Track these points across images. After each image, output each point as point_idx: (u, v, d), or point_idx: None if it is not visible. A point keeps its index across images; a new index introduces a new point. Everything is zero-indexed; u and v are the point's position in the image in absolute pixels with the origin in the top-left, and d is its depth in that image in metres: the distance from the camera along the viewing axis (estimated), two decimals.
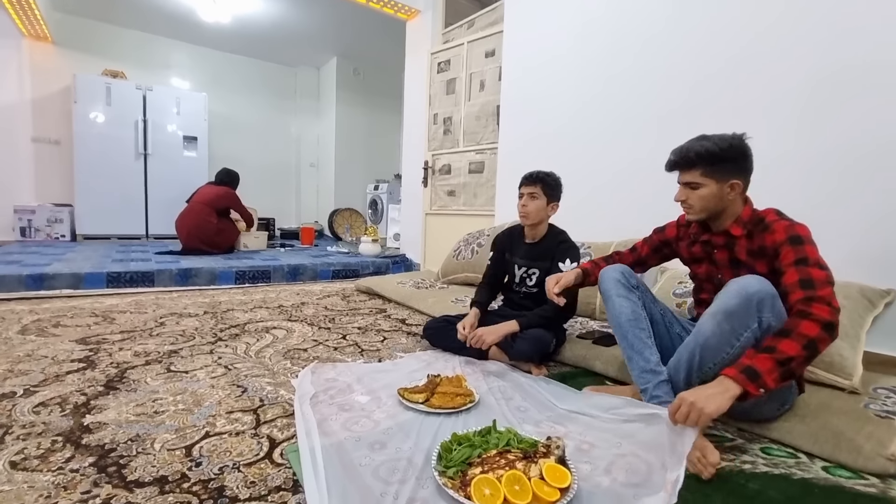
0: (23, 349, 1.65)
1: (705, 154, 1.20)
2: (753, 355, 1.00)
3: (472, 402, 1.30)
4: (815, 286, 1.05)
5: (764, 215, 1.22)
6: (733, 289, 1.09)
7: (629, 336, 1.30)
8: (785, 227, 1.15)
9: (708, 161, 1.20)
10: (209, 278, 3.09)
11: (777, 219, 1.20)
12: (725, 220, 1.26)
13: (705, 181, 1.21)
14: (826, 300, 1.02)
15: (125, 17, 5.14)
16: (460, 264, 3.05)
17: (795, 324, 1.00)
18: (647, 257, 1.51)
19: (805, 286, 1.05)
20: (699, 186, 1.22)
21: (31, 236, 4.61)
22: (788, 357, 0.97)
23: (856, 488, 0.98)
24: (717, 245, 1.29)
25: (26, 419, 1.13)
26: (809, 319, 0.99)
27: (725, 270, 1.28)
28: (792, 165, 1.83)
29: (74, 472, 0.92)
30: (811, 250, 1.11)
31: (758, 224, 1.22)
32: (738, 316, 1.07)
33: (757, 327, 1.06)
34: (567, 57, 2.77)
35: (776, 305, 1.06)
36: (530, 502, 0.85)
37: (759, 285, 1.06)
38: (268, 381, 1.44)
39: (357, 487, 0.90)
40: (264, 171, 6.55)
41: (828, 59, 1.75)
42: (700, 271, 1.37)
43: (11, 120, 4.76)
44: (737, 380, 0.97)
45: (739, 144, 1.20)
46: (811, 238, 1.14)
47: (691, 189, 1.24)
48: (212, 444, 1.05)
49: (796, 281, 1.07)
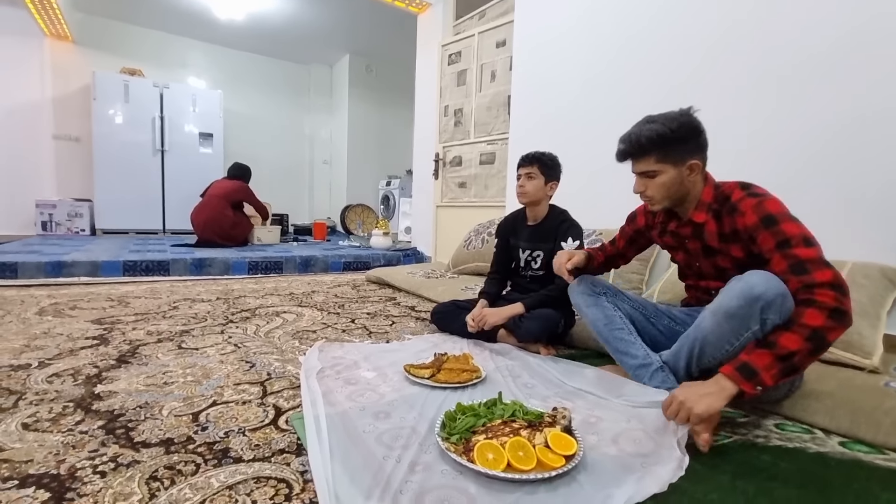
0: (39, 328, 1.69)
1: (656, 138, 1.10)
2: (752, 350, 0.94)
3: (478, 378, 1.29)
4: (809, 269, 0.95)
5: (729, 192, 1.12)
6: (737, 289, 1.00)
7: (611, 340, 1.31)
8: (753, 207, 1.05)
9: (660, 145, 1.10)
10: (223, 268, 3.13)
11: (743, 196, 1.08)
12: (689, 206, 1.18)
13: (662, 167, 1.12)
14: (828, 283, 0.92)
15: (143, 17, 5.25)
16: (471, 254, 3.04)
17: (798, 313, 0.93)
18: (625, 250, 1.45)
19: (798, 271, 0.96)
20: (656, 174, 1.13)
21: (52, 230, 4.73)
22: (790, 352, 0.90)
23: (875, 462, 0.94)
24: (686, 235, 1.22)
25: (39, 387, 1.16)
26: (813, 307, 0.91)
27: (701, 259, 1.22)
28: (810, 140, 1.78)
29: (83, 433, 0.94)
30: (789, 227, 1.01)
31: (724, 203, 1.12)
32: (739, 318, 1.00)
33: (759, 329, 0.98)
34: (577, 42, 2.74)
35: (786, 305, 0.96)
36: (534, 468, 0.83)
37: (766, 286, 0.96)
38: (276, 357, 1.45)
39: (360, 451, 0.90)
40: (278, 167, 6.62)
41: None
42: (678, 259, 1.32)
43: (33, 117, 4.90)
44: (732, 378, 0.92)
45: (689, 121, 1.11)
46: (785, 211, 1.04)
47: (648, 178, 1.15)
48: (218, 412, 1.06)
49: (786, 268, 0.97)
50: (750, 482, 0.85)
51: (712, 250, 1.17)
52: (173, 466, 0.83)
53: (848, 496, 0.82)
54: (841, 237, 1.67)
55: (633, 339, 1.27)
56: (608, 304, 1.33)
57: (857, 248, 1.60)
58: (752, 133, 1.92)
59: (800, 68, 1.80)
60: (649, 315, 1.36)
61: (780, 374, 0.92)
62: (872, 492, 0.84)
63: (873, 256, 1.56)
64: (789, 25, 1.83)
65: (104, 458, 0.85)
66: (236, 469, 0.83)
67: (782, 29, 1.85)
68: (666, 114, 1.13)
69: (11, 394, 1.11)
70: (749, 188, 1.10)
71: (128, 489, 0.76)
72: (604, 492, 0.79)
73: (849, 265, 1.53)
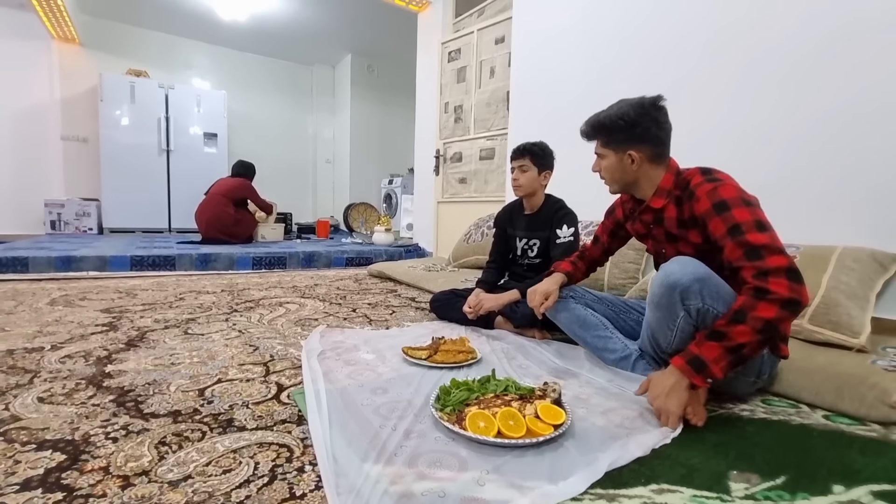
0: (51, 316, 1.75)
1: (598, 125, 1.17)
2: (702, 341, 0.93)
3: (474, 359, 1.33)
4: (763, 255, 0.92)
5: (689, 178, 1.11)
6: (658, 277, 1.04)
7: (588, 339, 1.35)
8: (707, 193, 1.03)
9: (602, 132, 1.17)
10: (227, 263, 3.19)
11: (701, 181, 1.07)
12: (647, 192, 1.19)
13: (605, 152, 1.18)
14: (782, 270, 0.90)
15: (148, 19, 5.33)
16: (470, 247, 3.08)
17: (751, 304, 0.90)
18: (609, 244, 1.46)
19: (752, 257, 0.93)
20: (603, 158, 1.19)
21: (60, 229, 4.81)
22: (739, 344, 0.90)
23: (856, 432, 0.97)
24: (648, 221, 1.23)
25: (53, 367, 1.21)
26: (766, 300, 0.89)
27: (666, 245, 1.22)
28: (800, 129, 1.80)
29: (95, 406, 0.98)
30: (741, 213, 0.98)
31: (685, 189, 1.11)
32: (664, 307, 1.03)
33: (686, 314, 1.00)
34: (575, 38, 2.77)
35: (707, 289, 0.97)
36: (524, 435, 0.87)
37: (681, 272, 0.98)
38: (278, 342, 1.50)
39: (357, 421, 0.94)
40: (282, 167, 6.69)
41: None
42: (648, 247, 1.33)
43: (42, 119, 4.99)
44: (684, 371, 0.93)
45: (633, 115, 1.11)
46: (739, 196, 1.01)
47: (600, 159, 1.21)
48: (223, 388, 1.10)
49: (741, 255, 0.95)
50: (732, 448, 0.88)
51: (674, 236, 1.17)
52: (181, 434, 0.87)
53: (827, 460, 0.85)
54: (832, 222, 1.70)
55: (609, 333, 1.31)
56: (577, 306, 1.37)
57: (848, 232, 1.63)
58: (749, 122, 1.95)
59: (796, 66, 1.82)
60: (619, 311, 1.39)
61: (729, 365, 0.92)
62: (850, 457, 0.87)
63: (863, 241, 1.58)
64: (785, 22, 1.85)
65: (115, 427, 0.89)
66: (240, 436, 0.87)
67: (780, 25, 1.88)
68: (629, 100, 1.15)
69: (27, 372, 1.16)
70: (709, 173, 1.09)
71: (138, 452, 0.80)
72: (589, 455, 0.83)
73: (839, 249, 1.56)
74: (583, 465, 0.79)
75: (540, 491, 0.72)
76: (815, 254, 1.57)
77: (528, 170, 1.74)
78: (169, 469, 0.75)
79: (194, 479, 0.73)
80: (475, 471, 0.77)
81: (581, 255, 1.49)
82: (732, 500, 0.72)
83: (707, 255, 1.07)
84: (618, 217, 1.41)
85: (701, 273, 0.98)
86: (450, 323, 1.83)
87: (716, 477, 0.78)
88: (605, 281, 2.19)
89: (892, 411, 1.01)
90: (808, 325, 1.41)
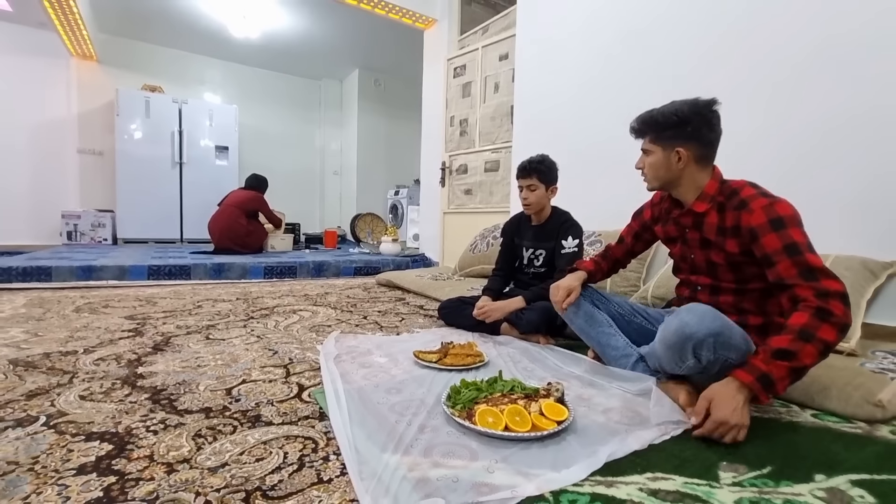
0: (79, 322, 1.84)
1: (650, 121, 1.20)
2: (770, 360, 0.93)
3: (481, 362, 1.41)
4: (819, 277, 0.97)
5: (738, 188, 1.14)
6: (674, 325, 1.04)
7: (593, 335, 1.39)
8: (764, 207, 1.06)
9: (653, 128, 1.20)
10: (240, 272, 3.29)
11: (755, 194, 1.09)
12: (688, 195, 1.21)
13: (653, 148, 1.21)
14: (840, 294, 0.94)
15: (163, 37, 5.51)
16: (476, 257, 3.16)
17: (816, 325, 0.93)
18: (633, 245, 1.49)
19: (808, 277, 0.98)
20: (649, 153, 1.22)
21: (76, 240, 4.94)
22: (805, 366, 0.93)
23: (842, 429, 1.03)
24: (686, 224, 1.25)
25: (88, 369, 1.29)
26: (829, 322, 0.93)
27: (696, 251, 1.25)
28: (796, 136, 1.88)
29: (133, 403, 1.07)
30: (797, 233, 1.02)
31: (731, 197, 1.14)
32: (675, 350, 1.05)
33: (696, 362, 1.03)
34: (575, 55, 2.88)
35: (720, 342, 0.99)
36: (529, 430, 0.94)
37: (697, 326, 0.99)
38: (296, 346, 1.58)
39: (375, 417, 1.02)
40: (290, 178, 6.83)
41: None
42: (675, 251, 1.35)
43: (60, 133, 5.16)
44: (753, 388, 0.93)
45: (686, 111, 1.15)
46: (796, 217, 1.04)
47: (645, 156, 1.24)
48: (248, 388, 1.18)
49: (796, 273, 0.99)
50: (722, 443, 0.95)
51: (709, 242, 1.20)
52: (214, 427, 0.95)
53: (811, 453, 0.92)
54: (825, 231, 1.76)
55: (613, 331, 1.37)
56: (585, 302, 1.42)
57: (840, 241, 1.70)
58: (744, 136, 2.03)
59: (789, 77, 1.91)
60: (625, 314, 1.44)
61: (790, 383, 0.95)
62: (834, 450, 0.93)
63: (854, 250, 1.65)
64: (773, 35, 1.95)
65: (154, 421, 0.97)
66: (268, 430, 0.95)
67: (768, 38, 1.97)
68: (684, 100, 1.18)
69: (65, 373, 1.25)
70: (759, 188, 1.12)
71: (178, 443, 0.88)
72: (589, 448, 0.90)
73: (832, 257, 1.62)
74: (584, 457, 0.86)
75: (544, 478, 0.79)
76: None
77: (536, 188, 1.83)
78: (207, 457, 0.83)
79: (231, 466, 0.81)
80: (485, 460, 0.84)
81: (605, 255, 1.53)
82: (721, 486, 0.79)
83: (738, 266, 1.14)
84: (645, 219, 1.43)
85: (716, 327, 0.99)
86: (458, 329, 1.90)
87: (706, 467, 0.85)
88: (608, 288, 2.26)
89: (877, 409, 1.07)
90: None
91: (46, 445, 0.86)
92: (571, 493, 0.76)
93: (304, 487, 0.75)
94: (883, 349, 1.42)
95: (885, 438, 0.99)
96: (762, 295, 1.16)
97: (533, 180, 1.83)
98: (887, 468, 0.86)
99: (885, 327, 1.63)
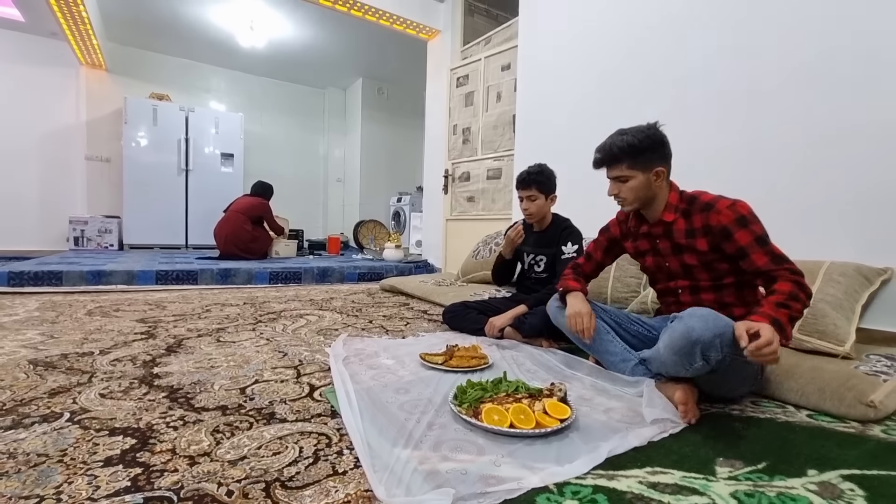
0: (92, 325, 1.88)
1: (627, 148, 1.28)
2: (775, 309, 1.06)
3: (486, 364, 1.45)
4: (786, 261, 1.17)
5: (696, 195, 1.30)
6: (679, 330, 1.08)
7: (592, 343, 1.42)
8: (729, 207, 1.22)
9: (631, 154, 1.28)
10: (246, 278, 3.33)
11: (715, 197, 1.26)
12: (658, 209, 1.33)
13: (632, 173, 1.29)
14: (801, 273, 1.15)
15: (171, 46, 5.61)
16: (479, 263, 3.20)
17: (797, 291, 1.10)
18: (603, 260, 1.57)
19: (779, 262, 1.17)
20: (628, 179, 1.30)
21: (83, 245, 5.00)
22: (796, 316, 1.09)
23: (836, 429, 1.07)
24: (657, 235, 1.36)
25: (106, 369, 1.34)
26: (805, 292, 1.12)
27: (670, 258, 1.35)
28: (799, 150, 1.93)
29: (151, 401, 1.11)
30: (759, 227, 1.20)
31: (692, 203, 1.29)
32: (683, 353, 1.08)
33: (704, 363, 1.06)
34: (575, 66, 2.94)
35: (724, 341, 1.02)
36: (533, 427, 0.98)
37: (703, 329, 1.03)
38: (304, 349, 1.62)
39: (385, 414, 1.06)
40: (294, 185, 6.89)
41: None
42: (648, 263, 1.43)
43: (68, 140, 5.24)
44: (775, 328, 1.00)
45: (655, 133, 1.28)
46: (754, 214, 1.22)
47: (621, 182, 1.31)
48: (261, 387, 1.22)
49: (769, 261, 1.17)
50: (720, 441, 0.99)
51: (680, 247, 1.31)
52: (231, 424, 0.99)
53: (805, 451, 0.95)
54: (820, 239, 1.82)
55: (612, 338, 1.41)
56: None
57: (835, 249, 1.74)
58: (739, 148, 2.09)
59: (781, 88, 1.97)
60: (622, 322, 1.48)
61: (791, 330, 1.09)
62: (827, 448, 0.97)
63: (848, 256, 1.70)
64: (768, 48, 2.00)
65: (173, 418, 1.02)
66: (283, 426, 0.99)
67: (763, 50, 2.03)
68: (635, 127, 1.30)
69: (84, 373, 1.29)
70: (713, 193, 1.29)
71: (198, 437, 0.92)
72: (591, 444, 0.94)
73: (827, 264, 1.67)
74: (586, 452, 0.90)
75: (549, 471, 0.83)
76: (804, 267, 1.62)
77: (536, 198, 1.88)
78: (226, 451, 0.87)
79: (249, 459, 0.85)
80: (492, 455, 0.88)
81: (578, 272, 1.57)
82: (717, 480, 0.83)
83: (710, 264, 1.27)
84: (614, 235, 1.52)
85: (720, 328, 1.04)
86: (461, 333, 1.94)
87: (704, 462, 0.89)
88: (609, 294, 2.30)
89: (869, 409, 1.11)
90: (797, 335, 1.51)
91: (73, 439, 0.90)
92: (574, 485, 0.80)
93: (320, 479, 0.79)
94: (877, 352, 1.46)
95: (877, 437, 1.03)
96: (738, 287, 1.29)
97: (532, 191, 1.88)
98: (878, 464, 0.90)
99: (880, 332, 1.67)
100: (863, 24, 1.74)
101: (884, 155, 1.69)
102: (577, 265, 1.60)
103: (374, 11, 4.06)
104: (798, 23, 1.92)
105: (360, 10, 4.03)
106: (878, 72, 1.70)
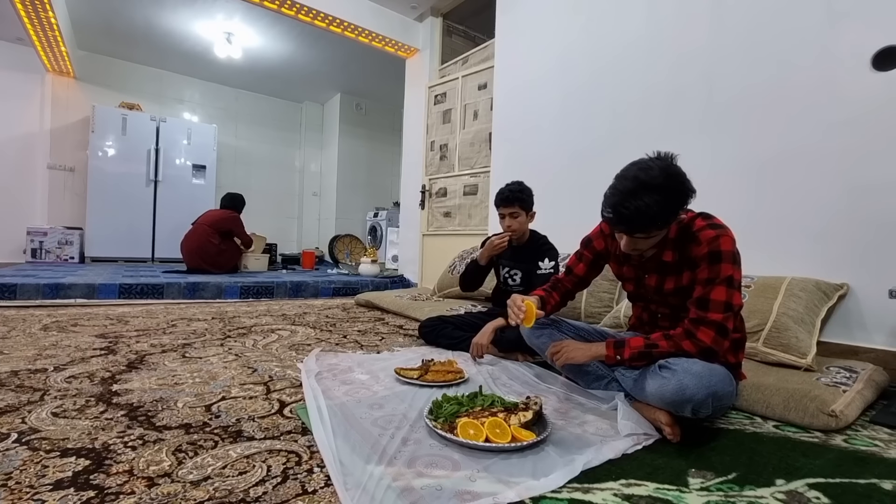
0: (47, 341, 1.78)
1: (648, 221, 1.05)
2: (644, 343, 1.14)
3: (462, 379, 1.43)
4: (709, 308, 1.07)
5: (688, 222, 1.14)
6: (671, 387, 1.04)
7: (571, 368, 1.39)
8: (709, 241, 1.09)
9: (657, 225, 1.07)
10: (215, 292, 3.23)
11: (704, 226, 1.11)
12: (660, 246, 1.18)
13: (657, 233, 1.11)
14: (715, 324, 1.06)
15: (145, 55, 5.49)
16: (455, 278, 3.19)
17: (682, 337, 1.10)
18: (586, 275, 1.45)
19: (700, 306, 1.08)
20: (650, 238, 1.12)
21: (41, 258, 4.76)
22: (657, 355, 1.12)
23: (801, 438, 1.11)
24: (648, 269, 1.24)
25: (60, 386, 1.26)
26: (691, 340, 1.08)
27: (651, 290, 1.26)
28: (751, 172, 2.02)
29: (109, 419, 1.05)
30: (727, 268, 1.06)
31: (684, 233, 1.15)
32: (673, 406, 1.06)
33: (693, 415, 1.04)
34: (549, 86, 3.03)
35: (716, 397, 1.02)
36: (509, 441, 0.97)
37: (697, 387, 1.01)
38: (275, 364, 1.57)
39: (358, 431, 1.03)
40: (268, 198, 6.78)
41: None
42: (628, 287, 1.37)
43: (29, 148, 5.03)
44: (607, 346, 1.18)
45: (675, 186, 1.05)
46: (732, 253, 1.08)
47: (645, 240, 1.12)
48: (228, 404, 1.17)
49: (695, 300, 1.10)
50: (692, 452, 1.00)
51: (664, 280, 1.21)
52: (195, 443, 0.95)
53: (773, 460, 0.98)
54: (782, 256, 1.90)
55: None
56: (555, 332, 1.42)
57: (795, 265, 1.82)
58: (701, 167, 2.17)
59: (739, 109, 2.07)
60: (589, 338, 1.42)
61: (640, 359, 1.15)
62: (793, 457, 0.99)
63: (808, 272, 1.77)
64: (735, 73, 2.11)
65: (132, 437, 0.96)
66: (250, 444, 0.95)
67: (733, 73, 2.13)
68: (651, 178, 1.04)
69: (35, 391, 1.21)
70: (711, 220, 1.13)
71: (158, 458, 0.87)
72: (567, 457, 0.93)
73: (788, 279, 1.74)
74: (561, 465, 0.90)
75: (524, 485, 0.82)
76: (767, 283, 1.75)
77: (518, 215, 1.91)
78: (189, 471, 0.83)
79: (213, 479, 0.80)
80: (467, 470, 0.87)
81: (554, 286, 1.47)
82: (690, 491, 0.84)
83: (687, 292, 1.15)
84: (598, 249, 1.39)
85: (713, 384, 1.02)
86: (437, 348, 1.92)
87: (677, 474, 0.90)
88: (582, 309, 2.33)
89: (831, 419, 1.15)
90: (762, 348, 1.56)
91: (20, 462, 0.84)
92: (550, 499, 0.79)
93: (288, 499, 0.76)
94: (836, 364, 1.52)
95: (839, 446, 1.06)
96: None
97: (515, 208, 1.90)
98: (840, 472, 0.92)
99: (838, 344, 1.74)
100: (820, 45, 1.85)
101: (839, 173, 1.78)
102: (557, 281, 1.48)
103: (354, 28, 4.10)
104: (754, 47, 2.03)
105: (339, 26, 4.06)
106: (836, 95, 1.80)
